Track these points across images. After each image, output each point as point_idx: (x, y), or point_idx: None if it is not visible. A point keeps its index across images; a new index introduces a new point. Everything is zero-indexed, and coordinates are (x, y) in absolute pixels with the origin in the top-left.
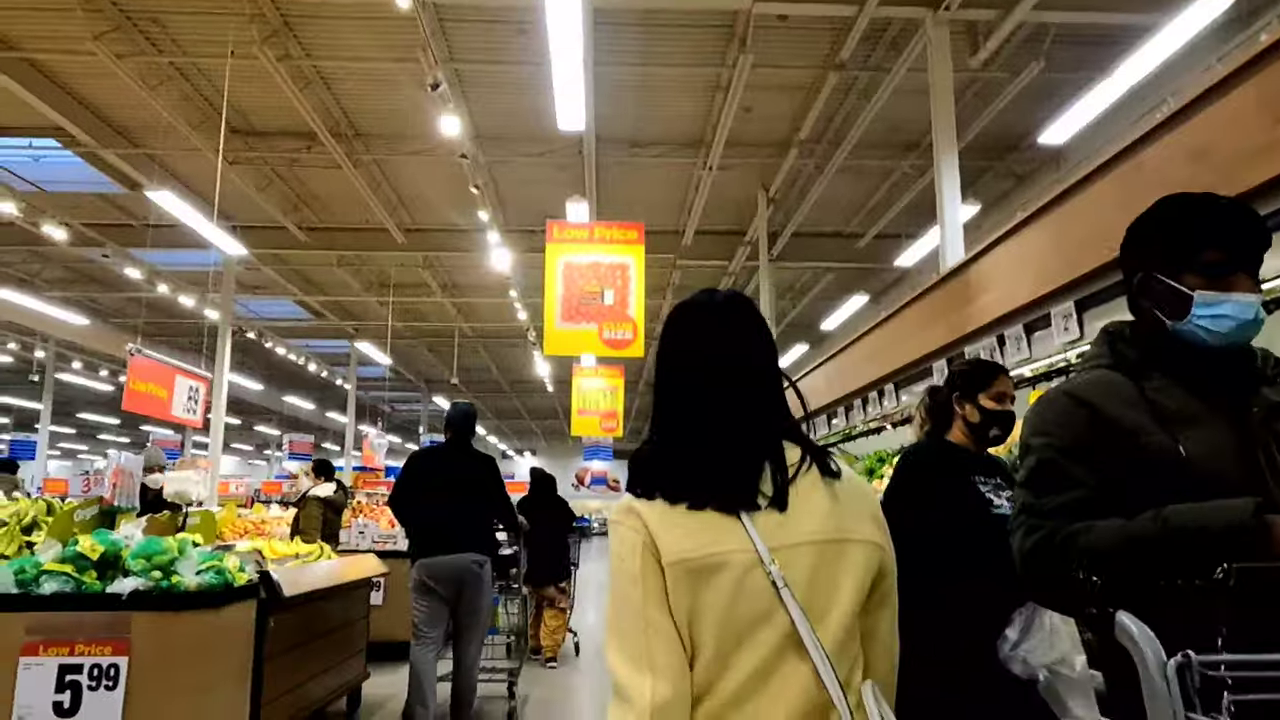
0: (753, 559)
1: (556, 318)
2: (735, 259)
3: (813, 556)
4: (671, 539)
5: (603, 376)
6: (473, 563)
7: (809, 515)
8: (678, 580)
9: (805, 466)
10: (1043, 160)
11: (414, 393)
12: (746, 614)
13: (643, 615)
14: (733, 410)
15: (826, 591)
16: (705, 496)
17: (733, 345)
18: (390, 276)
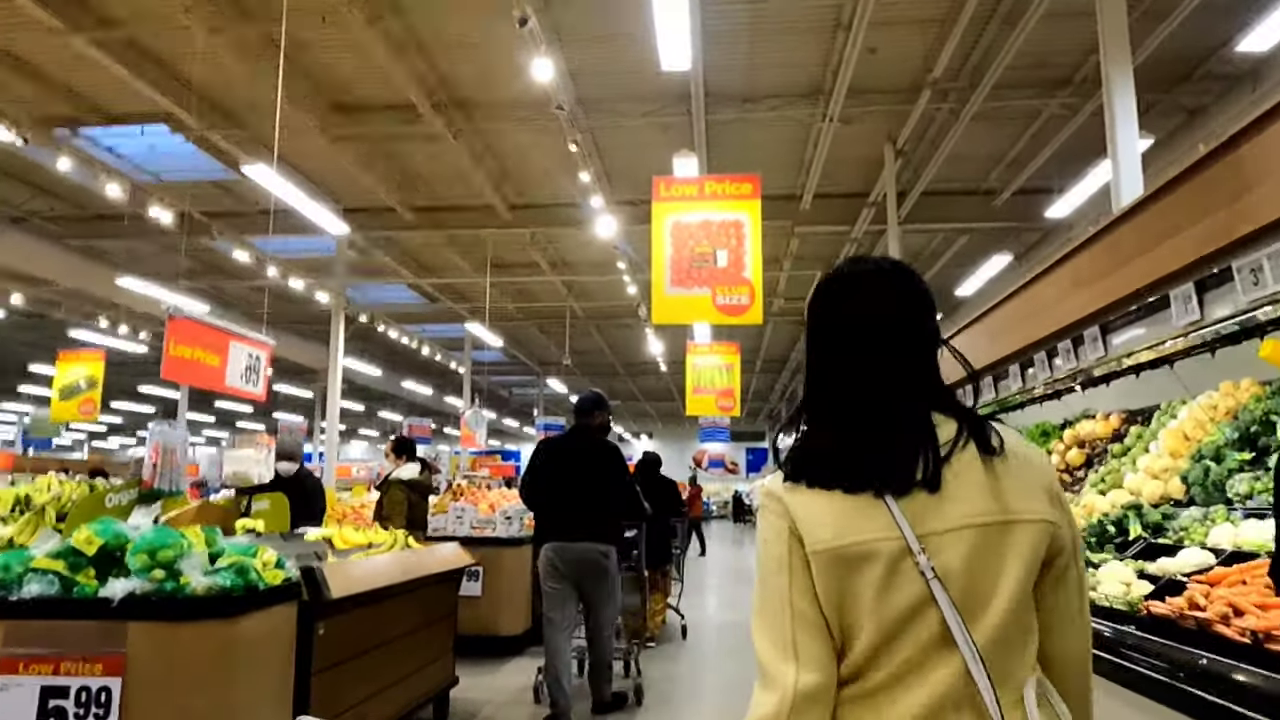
0: (901, 548)
1: (666, 283)
2: (858, 223)
3: (970, 542)
4: (814, 526)
5: (718, 353)
6: (598, 553)
7: (966, 496)
8: (822, 570)
9: (962, 442)
10: (1219, 91)
11: (529, 376)
12: (897, 607)
13: (788, 602)
14: (875, 385)
15: (987, 580)
16: (847, 479)
17: (872, 314)
18: (500, 255)
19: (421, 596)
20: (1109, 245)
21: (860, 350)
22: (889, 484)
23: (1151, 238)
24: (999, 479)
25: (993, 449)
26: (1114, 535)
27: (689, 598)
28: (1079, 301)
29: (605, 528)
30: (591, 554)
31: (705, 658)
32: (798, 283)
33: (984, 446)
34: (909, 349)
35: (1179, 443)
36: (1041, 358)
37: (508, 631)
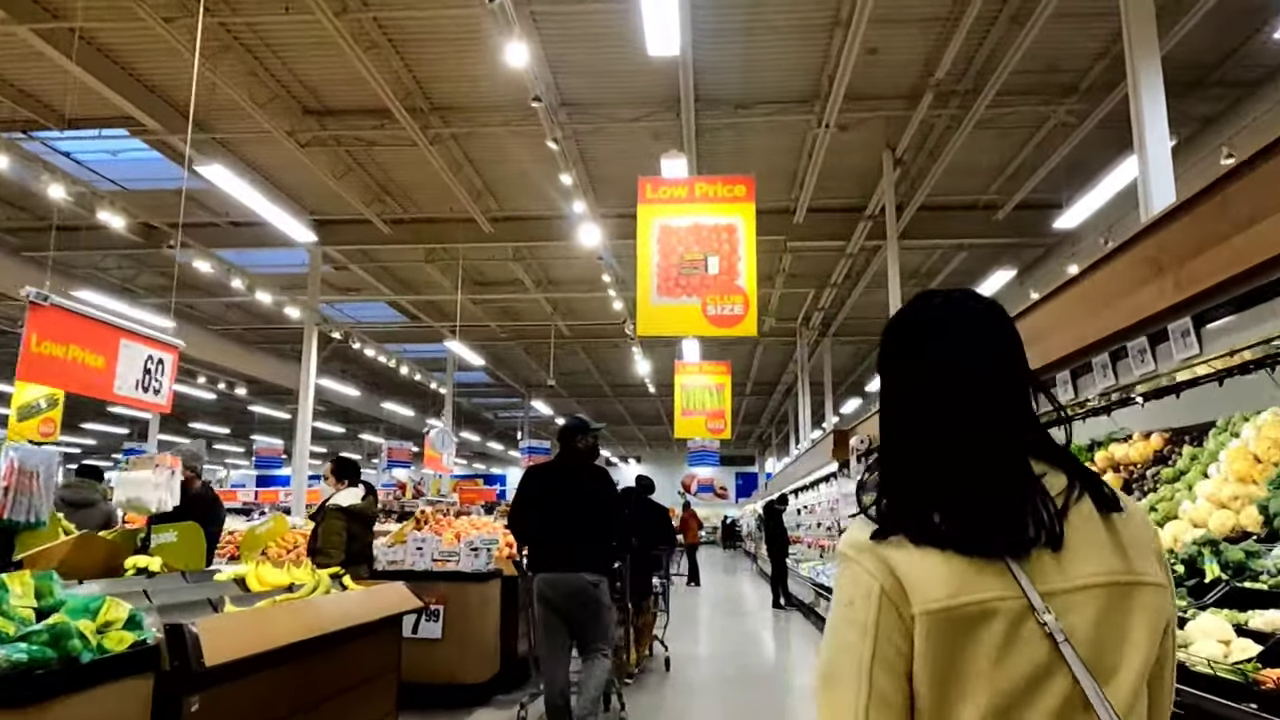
0: (1023, 606)
1: (652, 292)
2: (854, 238)
3: (1097, 602)
4: (925, 583)
5: (707, 373)
6: (588, 583)
7: (1088, 553)
8: (931, 634)
9: (1076, 495)
10: (1238, 96)
11: (514, 398)
12: (1018, 675)
13: (866, 675)
14: (977, 429)
15: (1115, 645)
16: (963, 537)
17: (973, 349)
18: (482, 272)
19: (351, 651)
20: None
21: (966, 388)
22: (1011, 543)
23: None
24: (1119, 535)
25: (1110, 503)
26: (1185, 577)
27: (675, 628)
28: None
29: (597, 557)
30: (583, 584)
31: (690, 691)
32: (790, 301)
33: (1101, 500)
34: (1008, 390)
35: (1248, 466)
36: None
37: (472, 678)
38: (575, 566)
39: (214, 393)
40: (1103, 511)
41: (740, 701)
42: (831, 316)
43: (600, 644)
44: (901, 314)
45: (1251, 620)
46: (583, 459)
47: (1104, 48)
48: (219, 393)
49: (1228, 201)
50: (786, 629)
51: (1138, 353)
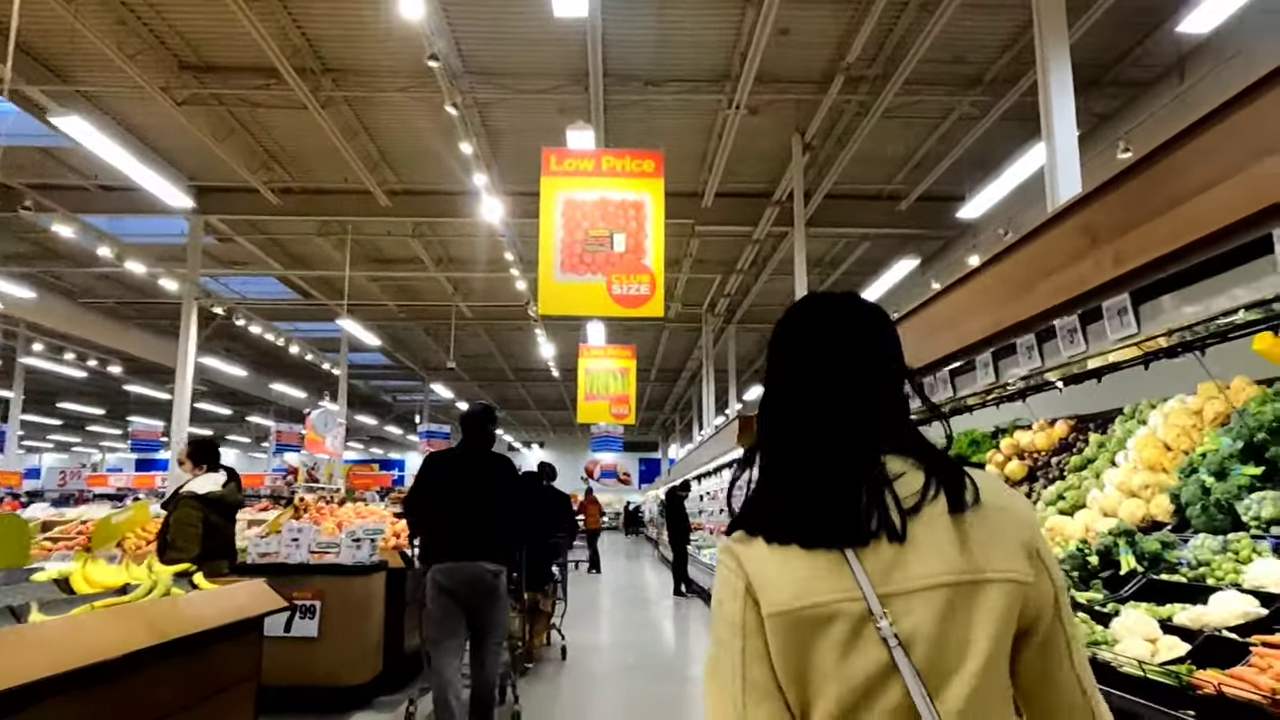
0: (861, 610)
1: (555, 269)
2: (762, 223)
3: (938, 603)
4: (771, 586)
5: (612, 357)
6: (489, 573)
7: (933, 552)
8: (779, 634)
9: (932, 492)
10: (1133, 95)
11: (415, 381)
12: (859, 676)
13: (740, 668)
14: (834, 426)
15: (954, 647)
16: (803, 532)
17: (833, 348)
18: (379, 248)
19: (197, 661)
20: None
21: (819, 387)
22: (848, 536)
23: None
24: (970, 532)
25: (964, 501)
26: (1099, 568)
27: (574, 617)
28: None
29: (497, 546)
30: (483, 574)
31: (586, 681)
32: (696, 286)
33: (955, 497)
34: (872, 388)
35: (1158, 454)
36: (985, 359)
37: (352, 680)
38: (475, 556)
39: (85, 370)
40: (956, 511)
41: (636, 690)
42: (737, 303)
43: (496, 636)
44: (785, 313)
45: (1176, 616)
46: (486, 446)
47: (1009, 40)
48: (91, 370)
49: (1174, 168)
50: (686, 616)
51: (1067, 333)
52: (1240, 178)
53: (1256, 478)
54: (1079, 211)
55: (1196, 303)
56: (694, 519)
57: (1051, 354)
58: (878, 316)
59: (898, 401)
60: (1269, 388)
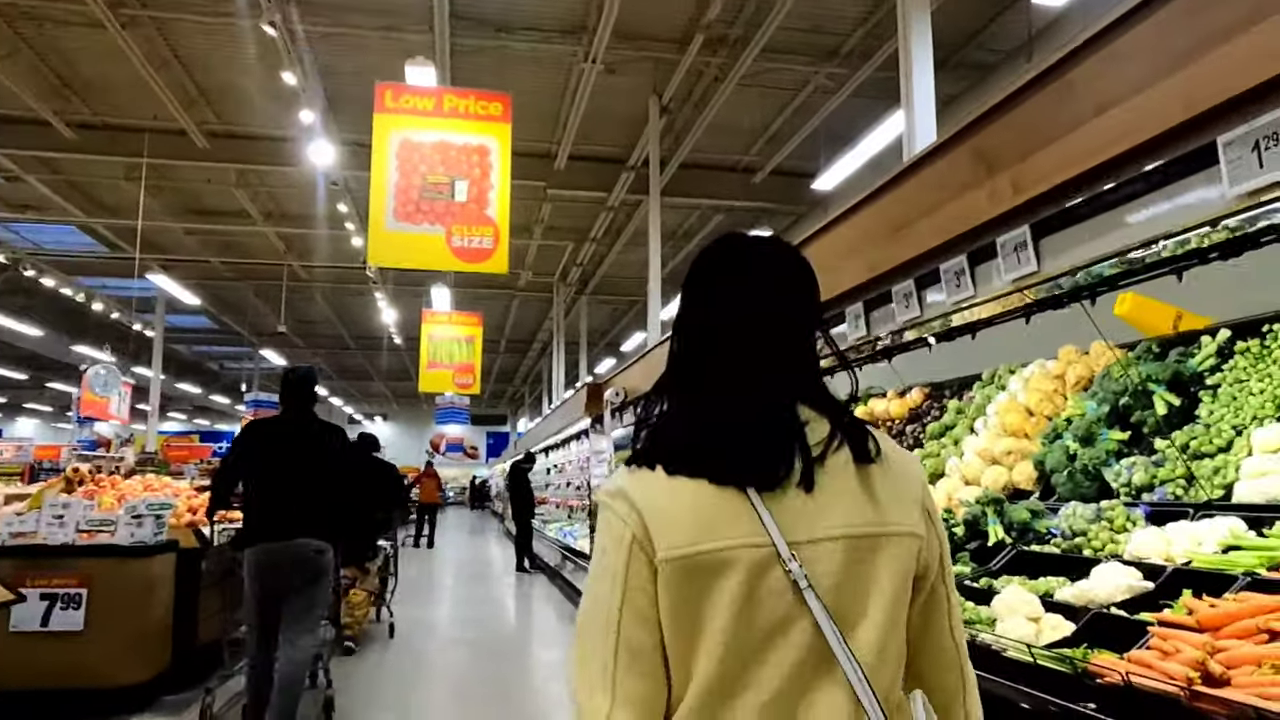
0: (769, 555)
1: (387, 216)
2: (616, 190)
3: (844, 553)
4: (668, 527)
5: (457, 324)
6: (312, 550)
7: (839, 503)
8: (672, 582)
9: (836, 443)
10: (980, 77)
11: (244, 348)
12: (762, 623)
13: (615, 627)
14: (750, 367)
15: (860, 595)
16: (710, 466)
17: (758, 288)
18: (199, 198)
19: None
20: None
21: (738, 327)
22: (759, 477)
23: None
24: (874, 487)
25: (869, 454)
26: (965, 539)
27: (407, 595)
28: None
29: (324, 522)
30: (306, 551)
31: (413, 660)
32: (548, 255)
33: (860, 451)
34: (790, 334)
35: (1020, 420)
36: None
37: (129, 679)
38: (299, 532)
39: None
40: (860, 463)
41: (464, 669)
42: (590, 273)
43: (310, 621)
44: (708, 247)
45: (1058, 592)
46: (310, 412)
47: (866, 13)
48: None
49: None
50: (529, 594)
51: (953, 275)
52: (1169, 83)
53: (1123, 443)
54: (972, 135)
55: (1106, 235)
56: (540, 493)
57: (935, 300)
58: (804, 263)
59: (812, 350)
60: (1128, 352)
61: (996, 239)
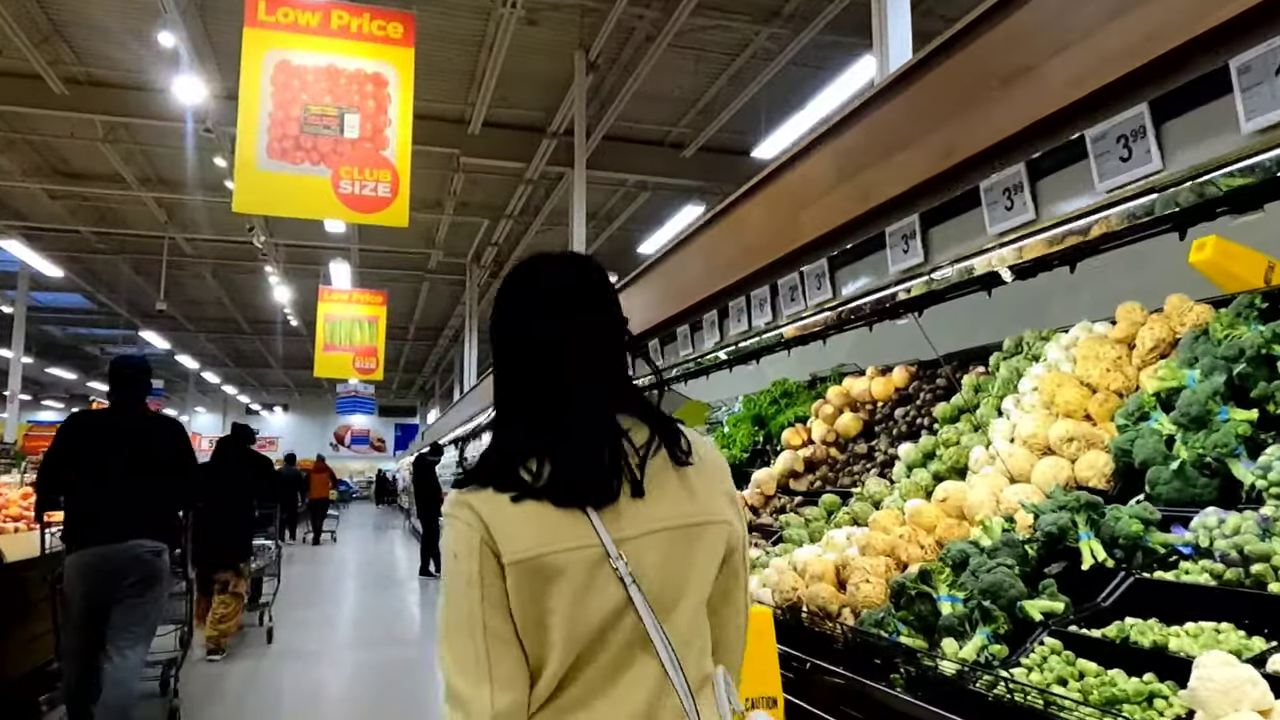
0: (599, 554)
1: (259, 153)
2: (535, 160)
3: (666, 544)
4: (512, 535)
5: (359, 304)
6: (146, 552)
7: (662, 500)
8: (519, 581)
9: (655, 447)
10: None
11: (128, 330)
12: (595, 614)
13: (480, 620)
14: (567, 386)
15: (679, 580)
16: (550, 492)
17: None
18: (63, 157)
19: None
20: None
21: (551, 348)
22: (596, 496)
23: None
24: (691, 482)
25: (683, 454)
26: (1041, 557)
27: (296, 598)
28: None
29: (159, 521)
30: (141, 554)
31: (289, 670)
32: (461, 233)
33: (675, 451)
34: (599, 348)
35: (1079, 397)
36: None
37: None
38: (131, 534)
39: None
40: (678, 461)
41: (345, 680)
42: (506, 254)
43: (143, 630)
44: (512, 272)
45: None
46: (144, 406)
47: None
48: None
49: None
50: (432, 600)
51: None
52: None
53: (1252, 423)
54: None
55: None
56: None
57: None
58: (605, 278)
59: (621, 360)
60: (1220, 310)
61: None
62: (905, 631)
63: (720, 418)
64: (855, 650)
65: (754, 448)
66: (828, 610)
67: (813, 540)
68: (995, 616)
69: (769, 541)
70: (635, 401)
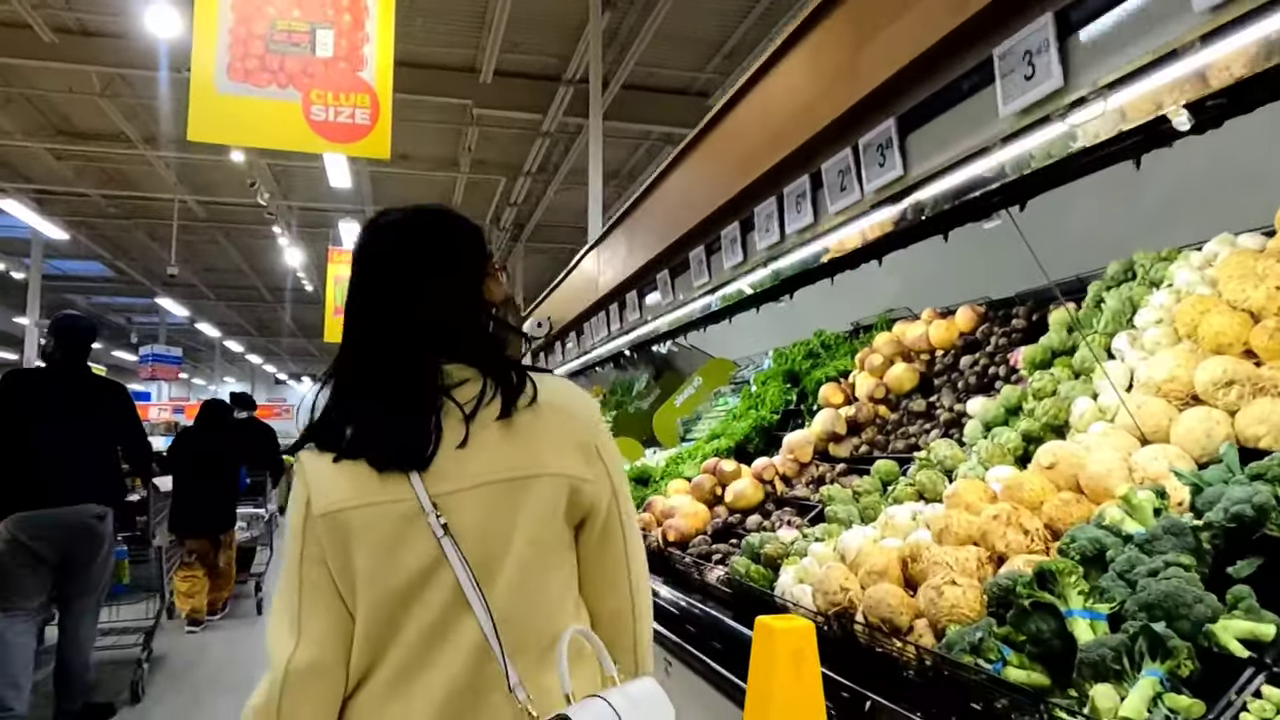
0: (413, 508)
1: (218, 73)
2: (552, 110)
3: (485, 500)
4: (323, 490)
5: None
6: (91, 516)
7: (486, 452)
8: (329, 535)
9: (489, 397)
10: None
11: (144, 299)
12: (408, 572)
13: (298, 573)
14: (391, 341)
15: (499, 539)
16: (367, 452)
17: (386, 264)
18: (66, 115)
19: None
20: None
21: (376, 304)
22: (414, 460)
23: None
24: (523, 434)
25: (515, 404)
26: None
27: None
28: None
29: (103, 484)
30: (84, 518)
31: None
32: (478, 193)
33: (508, 400)
34: (431, 303)
35: (1235, 327)
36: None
37: None
38: (77, 497)
39: None
40: (507, 414)
41: None
42: (525, 216)
43: (91, 600)
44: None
45: None
46: (86, 366)
47: None
48: None
49: None
50: None
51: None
52: None
53: None
54: None
55: None
56: None
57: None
58: (443, 227)
59: (466, 310)
60: None
61: None
62: (1014, 660)
63: (746, 376)
64: (938, 685)
65: (785, 408)
66: (895, 623)
67: (864, 520)
68: (1175, 649)
69: (805, 519)
70: (473, 350)
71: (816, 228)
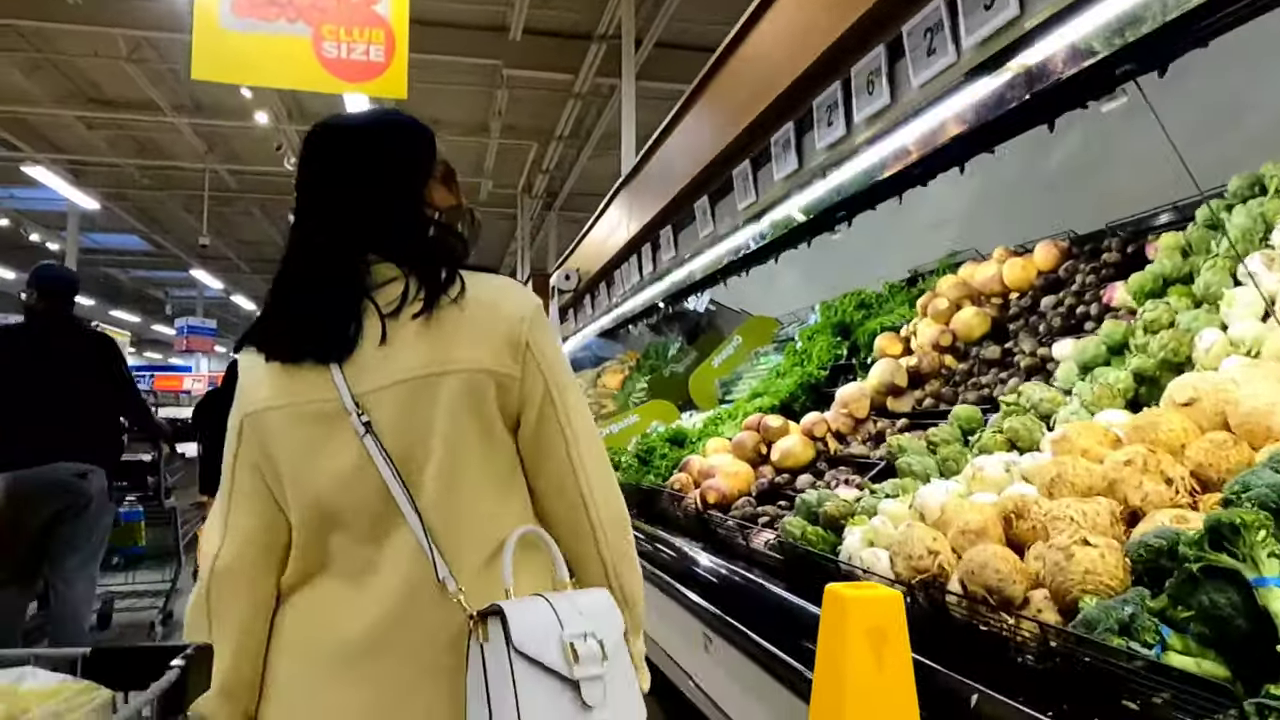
0: (335, 408)
1: (223, 9)
2: (583, 70)
3: (402, 397)
4: (253, 389)
5: None
6: (71, 474)
7: (405, 350)
8: (254, 435)
9: (413, 293)
10: None
11: (182, 273)
12: (335, 471)
13: (230, 475)
14: (316, 241)
15: (423, 436)
16: (287, 349)
17: (315, 167)
18: (95, 82)
19: None
20: None
21: (309, 202)
22: (330, 352)
23: None
24: (444, 330)
25: (435, 301)
26: None
27: None
28: None
29: (89, 441)
30: (61, 475)
31: None
32: (510, 160)
33: (430, 297)
34: (362, 197)
35: None
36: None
37: None
38: (55, 455)
39: None
40: (428, 310)
41: None
42: (558, 183)
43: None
44: None
45: None
46: (72, 317)
47: None
48: None
49: None
50: None
51: None
52: None
53: None
54: None
55: None
56: None
57: None
58: (383, 128)
59: (399, 209)
60: None
61: None
62: (1177, 643)
63: (790, 333)
64: (1070, 673)
65: (835, 363)
66: (1005, 593)
67: (943, 475)
68: None
69: (866, 477)
70: (402, 248)
71: (894, 111)
